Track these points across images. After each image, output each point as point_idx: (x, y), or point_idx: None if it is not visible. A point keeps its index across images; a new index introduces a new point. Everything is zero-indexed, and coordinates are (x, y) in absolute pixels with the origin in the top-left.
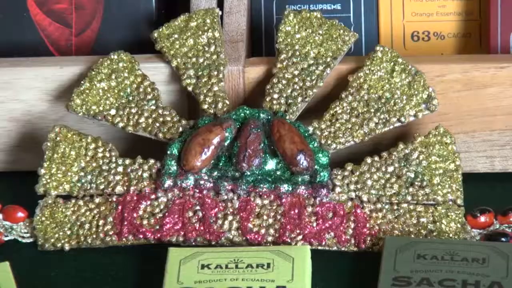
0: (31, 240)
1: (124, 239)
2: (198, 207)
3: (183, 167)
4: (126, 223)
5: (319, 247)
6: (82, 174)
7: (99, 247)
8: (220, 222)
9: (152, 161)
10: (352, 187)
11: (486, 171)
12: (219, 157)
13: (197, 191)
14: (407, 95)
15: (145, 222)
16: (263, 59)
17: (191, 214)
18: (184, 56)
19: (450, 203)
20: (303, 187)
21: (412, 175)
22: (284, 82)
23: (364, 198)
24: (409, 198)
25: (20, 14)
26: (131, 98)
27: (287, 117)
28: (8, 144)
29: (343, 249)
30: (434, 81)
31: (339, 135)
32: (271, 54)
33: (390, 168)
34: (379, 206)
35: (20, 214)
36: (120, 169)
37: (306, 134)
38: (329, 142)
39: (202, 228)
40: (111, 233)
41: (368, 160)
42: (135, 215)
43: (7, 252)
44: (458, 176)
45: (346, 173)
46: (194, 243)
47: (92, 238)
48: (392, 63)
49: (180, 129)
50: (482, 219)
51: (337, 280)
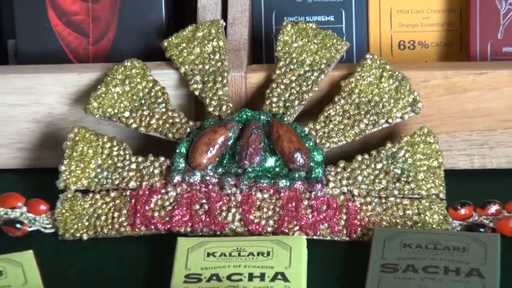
0: (52, 230)
1: (137, 230)
2: (204, 201)
3: (190, 164)
4: (138, 215)
5: (314, 237)
6: (99, 170)
7: (114, 237)
8: (224, 214)
9: (162, 158)
10: (344, 182)
11: (466, 168)
12: (223, 155)
13: (203, 186)
14: (394, 98)
15: (156, 214)
16: (263, 66)
17: (198, 207)
18: (192, 63)
19: (433, 197)
20: (299, 182)
21: (399, 172)
22: (282, 87)
23: (355, 192)
24: (396, 192)
25: (42, 25)
26: (143, 102)
27: (285, 118)
28: (32, 143)
29: (336, 238)
30: (419, 86)
31: (332, 135)
32: (271, 62)
33: (379, 165)
34: (368, 199)
35: (43, 207)
36: (133, 166)
37: (303, 134)
38: (323, 141)
39: (208, 219)
40: (125, 224)
41: (359, 157)
42: (147, 207)
43: (31, 241)
44: (440, 172)
45: (339, 169)
46: (200, 233)
47: (108, 228)
48: (380, 70)
49: (188, 129)
50: (463, 211)
51: (330, 267)
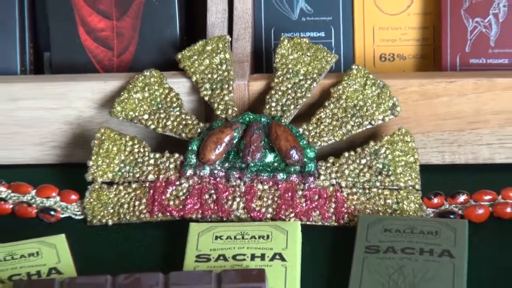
0: (81, 217)
1: (154, 216)
2: (212, 191)
3: (201, 160)
4: (156, 203)
5: (308, 223)
6: (122, 165)
7: (135, 223)
8: (230, 202)
9: (176, 155)
10: (333, 175)
11: (438, 163)
12: (229, 152)
13: (212, 178)
14: (376, 103)
15: (171, 203)
16: (264, 75)
17: (207, 196)
18: (202, 73)
19: (410, 188)
20: (295, 176)
21: (380, 166)
22: (280, 93)
23: (343, 184)
24: (378, 184)
25: (73, 40)
26: (160, 106)
27: (282, 121)
28: (64, 142)
29: (326, 224)
30: (397, 92)
31: (323, 135)
32: (270, 71)
33: (363, 161)
34: (354, 190)
35: (73, 197)
36: (151, 161)
37: (297, 134)
38: (315, 140)
39: (216, 207)
40: (144, 211)
41: (346, 154)
42: (163, 197)
43: (63, 226)
44: (416, 167)
45: (329, 164)
46: (209, 219)
47: (130, 215)
48: (364, 78)
49: (199, 130)
50: (435, 200)
51: (321, 249)
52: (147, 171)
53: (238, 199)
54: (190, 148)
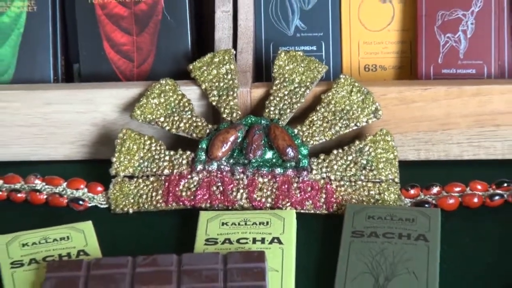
0: (106, 206)
1: (169, 205)
2: (219, 184)
3: (209, 156)
4: (171, 194)
5: (302, 211)
6: (141, 161)
7: (152, 211)
8: (234, 193)
9: (188, 152)
10: (324, 170)
11: (414, 159)
12: (233, 150)
13: (219, 172)
14: (361, 107)
15: (184, 193)
16: (264, 83)
17: (215, 188)
18: (210, 82)
19: (390, 181)
20: (290, 170)
21: (365, 162)
22: (277, 99)
23: (332, 177)
24: (362, 177)
25: (99, 53)
26: (174, 110)
27: (280, 123)
28: (91, 141)
29: (318, 212)
30: (379, 98)
31: (315, 135)
32: (269, 80)
33: (350, 157)
34: (342, 183)
35: (99, 188)
36: (167, 158)
37: (293, 134)
38: (308, 139)
39: (222, 198)
40: (160, 201)
41: (335, 152)
42: (177, 189)
43: (90, 214)
44: (395, 162)
45: (320, 160)
46: (217, 208)
47: (148, 204)
48: (351, 86)
49: (207, 131)
50: (412, 191)
51: (314, 233)
52: (162, 166)
53: (241, 191)
54: (200, 146)
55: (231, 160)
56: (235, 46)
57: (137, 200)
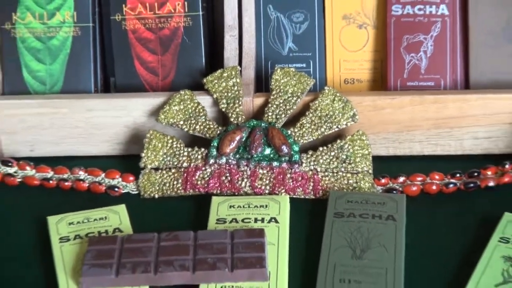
0: (136, 192)
1: (187, 192)
2: (228, 174)
3: (219, 152)
4: (188, 183)
5: (294, 196)
6: (165, 156)
7: (173, 196)
8: (240, 182)
9: (203, 149)
10: (311, 163)
11: (385, 155)
12: (239, 147)
13: (227, 165)
14: (341, 113)
15: (199, 182)
16: (263, 94)
17: (224, 178)
18: (220, 92)
19: (365, 172)
20: (285, 164)
21: (344, 157)
22: (274, 106)
23: (318, 169)
24: (342, 169)
25: (130, 69)
26: (191, 115)
27: (276, 125)
28: (124, 140)
29: (307, 197)
30: (356, 105)
31: (304, 135)
32: (267, 91)
33: (332, 153)
34: (326, 174)
35: (131, 178)
36: (185, 153)
37: (287, 135)
38: (299, 139)
39: (230, 185)
40: (180, 188)
41: (320, 149)
42: (193, 178)
43: (123, 199)
44: (369, 157)
45: (308, 155)
46: (225, 194)
47: (170, 191)
48: (333, 96)
49: (218, 132)
50: (383, 181)
51: (304, 214)
52: (182, 160)
53: (245, 180)
54: (212, 144)
55: (237, 155)
56: (240, 63)
57: (161, 187)
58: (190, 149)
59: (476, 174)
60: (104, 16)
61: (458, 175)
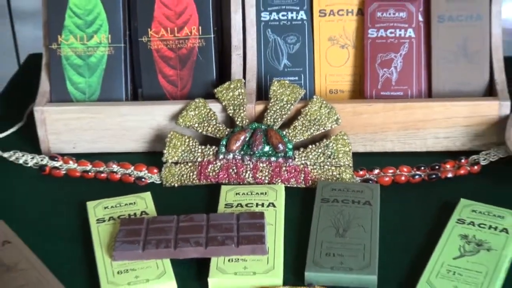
0: (159, 182)
1: (201, 182)
2: (234, 167)
3: (227, 149)
4: (202, 174)
5: (288, 185)
6: (183, 152)
7: (190, 185)
8: (244, 174)
9: (214, 146)
10: (302, 158)
11: (363, 151)
12: (243, 145)
13: (234, 160)
14: (327, 117)
15: (210, 174)
16: (263, 101)
17: (231, 170)
18: (228, 100)
19: (347, 165)
20: (281, 159)
21: (330, 153)
22: (272, 111)
23: (308, 163)
24: (328, 163)
25: (155, 81)
26: (204, 119)
27: (274, 127)
28: (150, 139)
29: (299, 186)
30: (339, 111)
31: (296, 135)
32: (266, 99)
33: (320, 150)
34: (315, 167)
35: (155, 170)
36: (199, 150)
37: (282, 135)
38: (292, 138)
39: (236, 177)
40: (195, 179)
41: (310, 146)
42: (206, 171)
43: (149, 187)
44: (350, 153)
45: (300, 152)
46: (232, 184)
47: (187, 181)
48: (320, 103)
49: (226, 133)
50: (361, 172)
51: (296, 200)
52: (197, 156)
53: (248, 172)
54: (221, 143)
55: (242, 152)
56: (244, 77)
57: (180, 178)
58: (203, 146)
59: (437, 167)
60: (133, 38)
61: (423, 168)
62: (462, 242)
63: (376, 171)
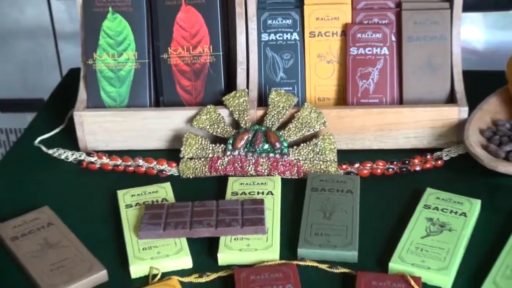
0: (177, 174)
1: (212, 174)
2: (239, 162)
3: (234, 147)
4: (212, 168)
5: (284, 177)
6: (196, 150)
7: (202, 177)
8: (248, 167)
9: (222, 144)
10: (296, 155)
11: (346, 148)
12: (247, 143)
13: (239, 156)
14: (316, 120)
15: (220, 167)
16: (263, 107)
17: (237, 165)
18: (234, 106)
19: (332, 161)
20: (278, 155)
21: (318, 150)
22: (271, 116)
23: (300, 159)
24: (317, 159)
25: (174, 91)
26: (214, 122)
27: (272, 129)
28: (170, 139)
29: (293, 177)
30: (326, 115)
31: (291, 135)
32: (266, 105)
33: (310, 148)
34: (306, 161)
35: (174, 165)
36: (210, 148)
37: (279, 135)
38: (287, 138)
39: (240, 170)
40: (207, 172)
41: (302, 144)
42: (216, 165)
43: (169, 179)
44: (335, 150)
45: (294, 149)
46: (238, 176)
47: (200, 173)
48: (310, 109)
49: (233, 133)
50: (344, 166)
51: (290, 190)
52: (208, 152)
53: (251, 166)
54: (229, 141)
55: (245, 149)
56: (247, 87)
57: (194, 171)
58: (213, 145)
59: (407, 162)
60: (156, 55)
61: (395, 162)
62: (428, 224)
63: (357, 165)
